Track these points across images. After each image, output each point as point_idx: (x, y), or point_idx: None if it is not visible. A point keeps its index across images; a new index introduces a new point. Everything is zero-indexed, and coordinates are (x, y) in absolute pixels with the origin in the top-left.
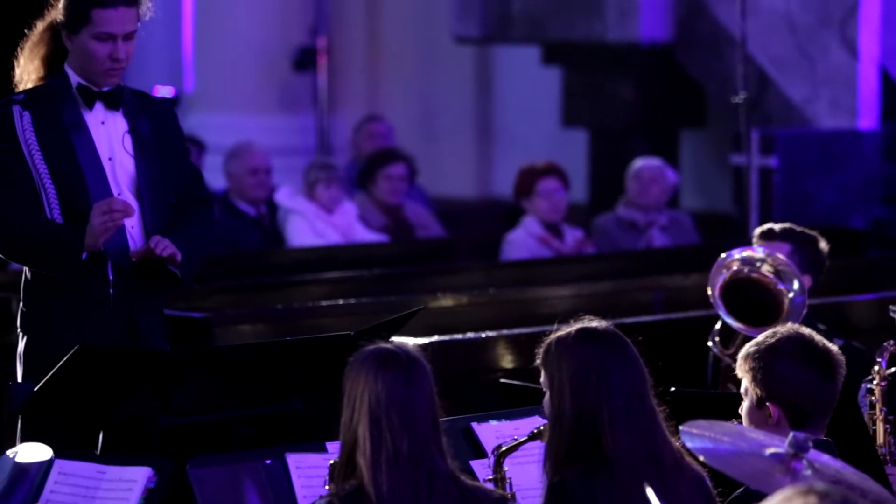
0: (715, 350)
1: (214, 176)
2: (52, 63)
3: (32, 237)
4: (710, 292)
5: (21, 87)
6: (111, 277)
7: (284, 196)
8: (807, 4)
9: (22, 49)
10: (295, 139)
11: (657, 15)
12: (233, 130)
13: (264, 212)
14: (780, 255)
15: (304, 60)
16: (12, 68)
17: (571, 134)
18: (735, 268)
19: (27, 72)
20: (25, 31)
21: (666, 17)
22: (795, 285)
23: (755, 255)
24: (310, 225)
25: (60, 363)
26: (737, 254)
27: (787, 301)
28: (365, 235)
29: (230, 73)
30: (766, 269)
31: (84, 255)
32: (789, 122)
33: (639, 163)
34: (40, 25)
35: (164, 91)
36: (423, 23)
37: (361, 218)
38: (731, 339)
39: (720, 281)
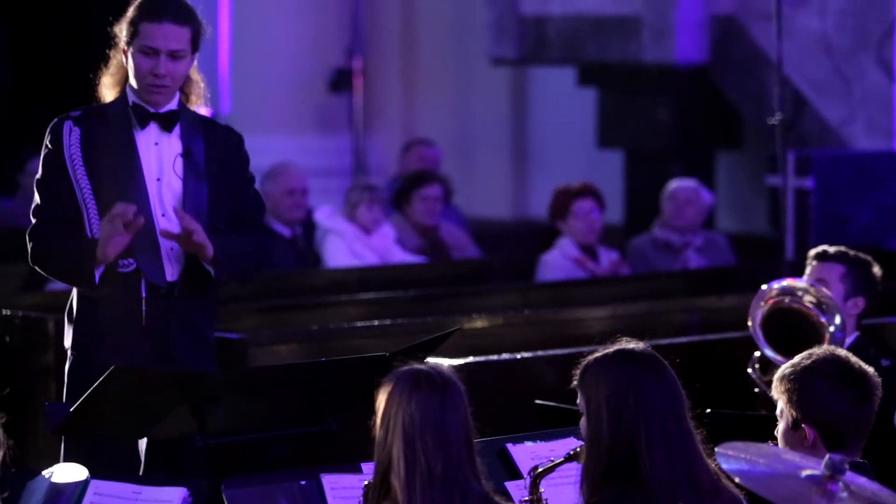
0: (753, 376)
1: None
2: (123, 88)
3: (57, 252)
4: (749, 323)
5: None
6: (144, 294)
7: (324, 216)
8: (843, 26)
9: (102, 73)
10: (330, 160)
11: (693, 36)
12: (268, 151)
13: (300, 233)
14: (825, 289)
15: (340, 81)
16: (95, 91)
17: (607, 155)
18: (776, 297)
19: (103, 95)
20: (107, 51)
21: (702, 38)
22: (837, 320)
23: (797, 284)
24: (348, 246)
25: (95, 384)
26: (776, 284)
27: (827, 335)
28: (402, 258)
29: (266, 94)
30: (808, 299)
31: (100, 271)
32: (825, 143)
33: (674, 184)
34: (120, 50)
35: (202, 112)
36: (458, 44)
37: (397, 240)
38: (770, 366)
39: (760, 312)
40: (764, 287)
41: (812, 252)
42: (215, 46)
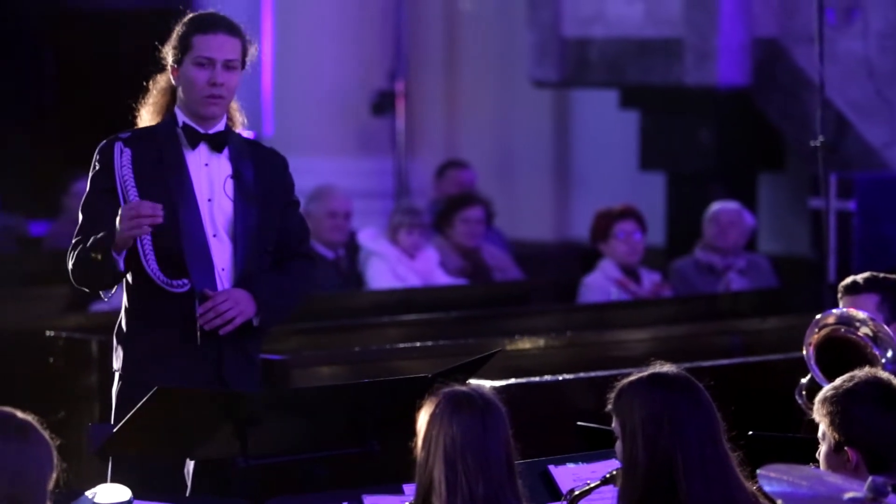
0: (800, 402)
1: None
2: (168, 112)
3: (79, 254)
4: (804, 351)
5: None
6: (198, 314)
7: (368, 238)
8: (886, 49)
9: (141, 105)
10: (373, 182)
11: (735, 59)
12: (311, 173)
13: (342, 255)
14: (885, 327)
15: (383, 104)
16: (135, 118)
17: (649, 177)
18: (832, 325)
19: (145, 122)
20: (145, 83)
21: (744, 61)
22: (890, 353)
23: (856, 315)
24: (390, 268)
25: (138, 405)
26: (835, 311)
27: (879, 367)
28: (445, 281)
29: (309, 116)
30: (864, 331)
31: (122, 265)
32: (868, 166)
33: (716, 206)
34: (161, 79)
35: (244, 134)
36: (501, 66)
37: (440, 262)
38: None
39: (815, 339)
40: (819, 315)
41: (842, 285)
42: (259, 69)
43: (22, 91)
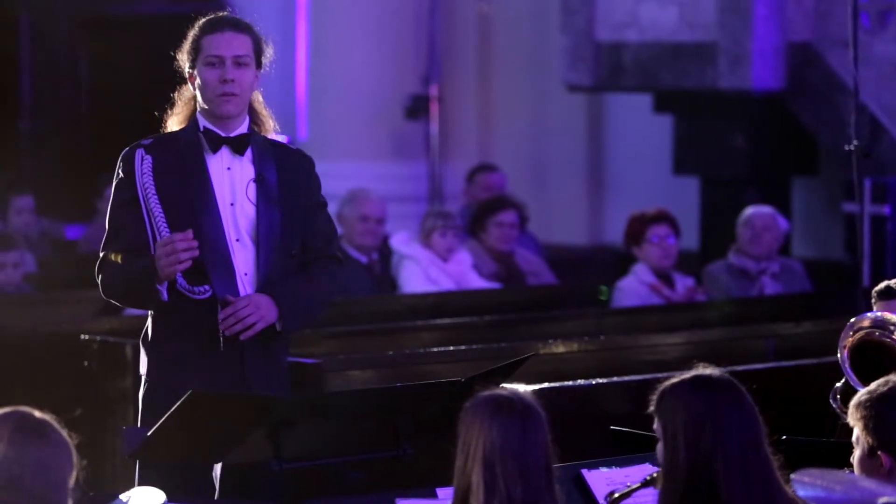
0: (835, 406)
1: None
2: (192, 120)
3: (123, 278)
4: (839, 355)
5: None
6: (220, 319)
7: (400, 242)
8: None
9: (167, 116)
10: (407, 187)
11: (769, 63)
12: (345, 178)
13: (375, 258)
14: None
15: (417, 108)
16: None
17: (683, 182)
18: (867, 329)
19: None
20: (172, 95)
21: (778, 65)
22: None
23: (891, 318)
24: (423, 272)
25: (172, 409)
26: (870, 315)
27: None
28: (478, 285)
29: (343, 120)
30: None
31: (165, 287)
32: None
33: (750, 210)
34: (185, 89)
35: (278, 139)
36: (534, 71)
37: (473, 266)
38: (853, 398)
39: (850, 342)
40: (853, 319)
41: (875, 290)
42: (293, 73)
43: (57, 96)
